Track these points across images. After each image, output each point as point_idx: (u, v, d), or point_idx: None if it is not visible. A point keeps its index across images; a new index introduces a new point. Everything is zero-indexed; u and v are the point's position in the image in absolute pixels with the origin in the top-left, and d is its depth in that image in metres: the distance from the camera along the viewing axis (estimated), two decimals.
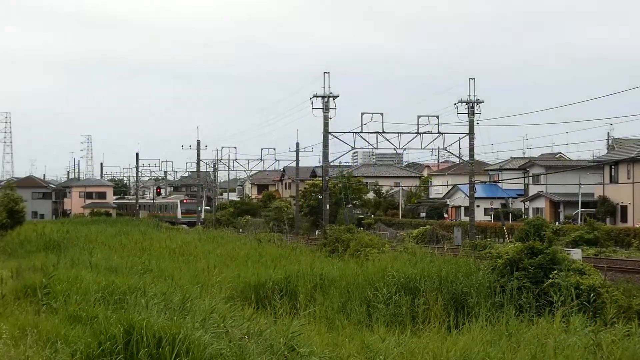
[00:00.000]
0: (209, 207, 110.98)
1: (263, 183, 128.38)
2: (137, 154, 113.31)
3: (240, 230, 71.76)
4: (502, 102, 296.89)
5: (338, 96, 55.31)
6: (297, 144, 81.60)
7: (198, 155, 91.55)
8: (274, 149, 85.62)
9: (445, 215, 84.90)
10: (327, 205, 58.63)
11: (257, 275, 21.77)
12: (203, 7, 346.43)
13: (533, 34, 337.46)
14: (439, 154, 60.41)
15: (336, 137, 55.96)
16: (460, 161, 71.57)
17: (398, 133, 56.12)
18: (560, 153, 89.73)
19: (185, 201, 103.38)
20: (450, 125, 57.23)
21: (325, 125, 55.19)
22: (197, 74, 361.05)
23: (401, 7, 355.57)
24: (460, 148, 59.64)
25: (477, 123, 54.80)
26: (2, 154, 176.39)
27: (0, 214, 53.20)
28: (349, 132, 55.69)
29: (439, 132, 55.72)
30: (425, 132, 55.57)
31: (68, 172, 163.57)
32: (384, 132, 55.28)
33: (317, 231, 70.73)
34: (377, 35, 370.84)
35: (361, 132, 54.95)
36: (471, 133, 55.14)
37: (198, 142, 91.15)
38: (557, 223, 63.88)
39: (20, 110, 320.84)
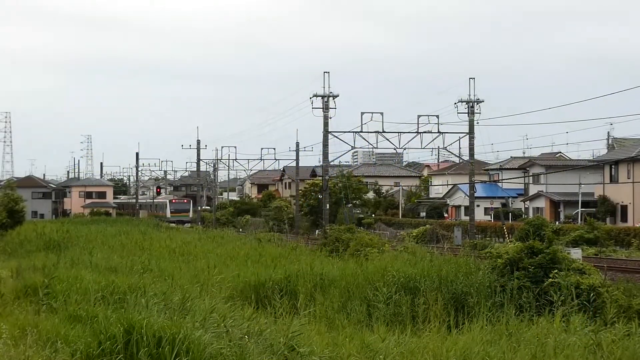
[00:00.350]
0: (208, 207, 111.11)
1: (263, 183, 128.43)
2: (137, 154, 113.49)
3: (240, 229, 71.76)
4: (502, 102, 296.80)
5: (338, 96, 55.40)
6: (297, 144, 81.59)
7: (198, 154, 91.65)
8: (274, 149, 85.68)
9: (445, 215, 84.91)
10: (327, 205, 58.63)
11: (257, 275, 21.78)
12: (203, 7, 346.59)
13: (533, 34, 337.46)
14: (439, 153, 60.34)
15: (336, 137, 56.02)
16: (460, 161, 71.56)
17: (398, 133, 56.19)
18: (560, 153, 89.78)
19: (174, 201, 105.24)
20: (450, 125, 57.26)
21: (325, 124, 55.20)
22: (197, 74, 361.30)
23: (401, 7, 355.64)
24: (460, 148, 59.60)
25: (477, 123, 54.86)
26: (2, 153, 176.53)
27: (0, 213, 53.23)
28: (349, 131, 55.74)
29: (439, 132, 55.74)
30: (425, 132, 55.61)
31: (68, 172, 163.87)
32: (384, 132, 55.32)
33: (317, 231, 70.71)
34: (377, 35, 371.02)
35: (361, 131, 54.98)
36: (471, 133, 55.14)
37: (198, 142, 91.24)
38: (557, 223, 63.87)
39: (20, 110, 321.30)
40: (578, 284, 18.03)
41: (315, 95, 54.92)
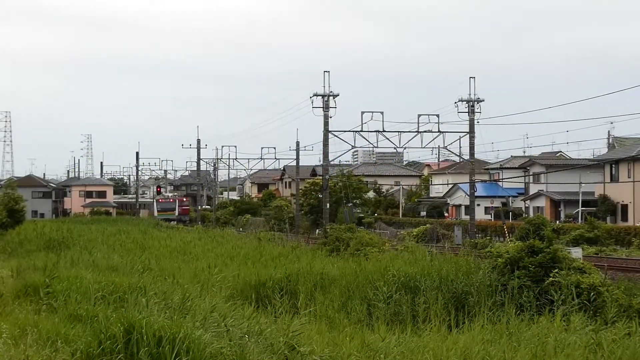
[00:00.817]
0: (209, 206, 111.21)
1: (263, 182, 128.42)
2: (137, 153, 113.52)
3: (240, 229, 71.74)
4: (502, 102, 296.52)
5: (338, 95, 55.47)
6: (297, 143, 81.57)
7: (198, 154, 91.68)
8: (274, 148, 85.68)
9: (446, 214, 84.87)
10: (328, 204, 58.65)
11: (258, 274, 21.78)
12: (203, 7, 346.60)
13: (533, 34, 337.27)
14: (439, 152, 60.40)
15: (336, 136, 56.06)
16: (461, 160, 71.53)
17: (398, 132, 56.26)
18: (561, 152, 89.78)
19: (160, 200, 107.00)
20: (450, 124, 57.32)
21: (326, 124, 55.22)
22: (197, 74, 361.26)
23: (401, 7, 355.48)
24: (460, 147, 59.59)
25: (478, 122, 54.91)
26: (2, 153, 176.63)
27: (0, 213, 53.24)
28: (349, 131, 55.75)
29: (439, 131, 55.75)
30: (425, 131, 55.63)
31: (68, 171, 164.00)
32: (384, 131, 55.33)
33: (317, 230, 70.70)
34: (377, 35, 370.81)
35: (361, 131, 55.00)
36: (471, 132, 55.14)
37: (198, 141, 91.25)
38: (557, 222, 63.83)
39: (20, 110, 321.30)
40: (578, 283, 18.01)
41: (316, 95, 54.98)
